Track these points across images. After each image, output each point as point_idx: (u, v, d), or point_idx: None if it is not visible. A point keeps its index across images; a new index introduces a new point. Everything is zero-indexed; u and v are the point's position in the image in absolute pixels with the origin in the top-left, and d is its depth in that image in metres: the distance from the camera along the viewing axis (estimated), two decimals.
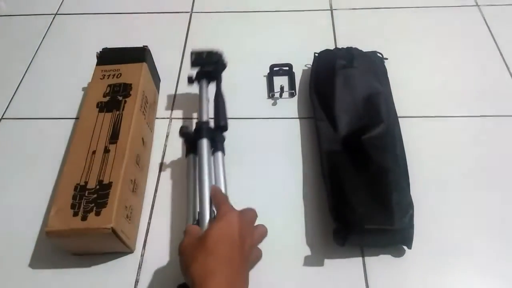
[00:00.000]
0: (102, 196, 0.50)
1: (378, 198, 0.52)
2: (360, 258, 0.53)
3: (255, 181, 0.61)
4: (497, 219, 0.56)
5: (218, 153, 0.57)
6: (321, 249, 0.54)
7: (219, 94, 0.63)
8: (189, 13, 0.86)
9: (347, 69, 0.66)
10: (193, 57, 0.65)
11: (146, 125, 0.63)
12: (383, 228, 0.49)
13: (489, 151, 0.62)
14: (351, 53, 0.68)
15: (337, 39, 0.78)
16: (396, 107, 0.64)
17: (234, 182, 0.60)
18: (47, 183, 0.61)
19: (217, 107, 0.61)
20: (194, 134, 0.58)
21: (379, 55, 0.71)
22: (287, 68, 0.73)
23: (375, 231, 0.50)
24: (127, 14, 0.87)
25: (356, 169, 0.56)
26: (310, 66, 0.71)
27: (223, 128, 0.59)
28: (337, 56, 0.68)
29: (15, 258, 0.55)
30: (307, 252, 0.53)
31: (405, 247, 0.52)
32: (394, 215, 0.50)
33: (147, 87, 0.65)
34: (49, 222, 0.48)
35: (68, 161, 0.54)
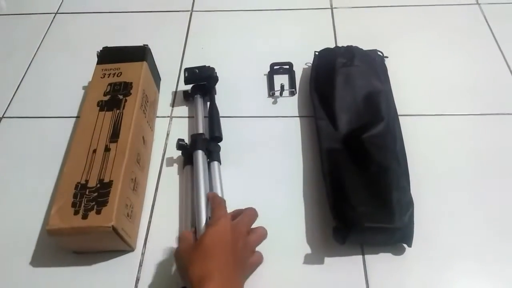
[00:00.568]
0: (102, 194, 0.50)
1: (378, 196, 0.52)
2: (360, 256, 0.53)
3: (255, 180, 0.61)
4: (497, 217, 0.56)
5: (214, 163, 0.60)
6: (321, 247, 0.54)
7: (213, 106, 0.66)
8: (189, 11, 0.86)
9: (348, 68, 0.66)
10: (186, 74, 0.68)
11: (146, 124, 0.63)
12: (383, 226, 0.49)
13: (490, 149, 0.62)
14: (351, 52, 0.68)
15: (338, 38, 0.78)
16: (396, 106, 0.64)
17: (234, 181, 0.60)
18: (48, 181, 0.61)
19: (211, 119, 0.65)
20: (190, 146, 0.61)
21: (379, 53, 0.71)
22: (287, 66, 0.73)
23: (375, 229, 0.50)
24: (128, 13, 0.87)
25: (356, 168, 0.56)
26: (310, 64, 0.71)
27: (217, 139, 0.62)
28: (338, 54, 0.68)
29: (16, 256, 0.55)
30: (307, 250, 0.54)
31: (405, 245, 0.52)
32: (394, 213, 0.50)
33: (147, 85, 0.65)
34: (50, 220, 0.48)
35: (68, 159, 0.54)
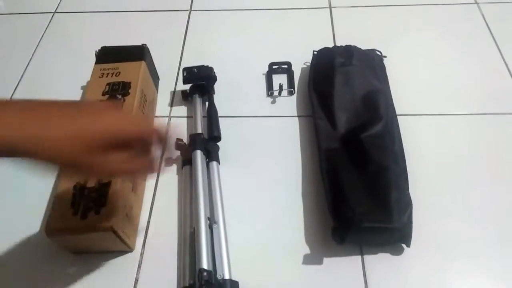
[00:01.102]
0: (101, 195, 0.50)
1: (377, 196, 0.52)
2: (359, 256, 0.53)
3: (254, 180, 0.61)
4: (496, 217, 0.56)
5: (213, 163, 0.60)
6: (320, 247, 0.54)
7: (211, 106, 0.66)
8: (188, 11, 0.86)
9: (346, 67, 0.66)
10: (185, 73, 0.68)
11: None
12: (382, 226, 0.49)
13: (488, 149, 0.62)
14: (350, 51, 0.68)
15: (336, 37, 0.78)
16: (394, 105, 0.64)
17: (232, 181, 0.60)
18: (47, 182, 0.61)
19: (210, 119, 0.64)
20: (188, 146, 0.61)
21: (378, 53, 0.71)
22: (286, 66, 0.73)
23: (374, 229, 0.50)
24: (126, 12, 0.87)
25: (355, 167, 0.56)
26: (309, 64, 0.71)
27: (216, 138, 0.62)
28: (336, 54, 0.68)
29: (15, 257, 0.55)
30: (306, 250, 0.54)
31: (404, 245, 0.52)
32: (393, 213, 0.50)
33: (146, 85, 0.65)
34: (49, 221, 0.48)
35: None
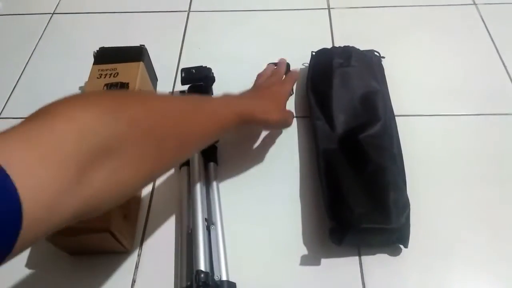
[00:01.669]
0: None
1: (375, 197, 0.51)
2: (356, 257, 0.53)
3: (252, 180, 0.60)
4: (494, 218, 0.55)
5: (210, 164, 0.59)
6: (318, 248, 0.53)
7: None
8: (186, 12, 0.86)
9: (344, 68, 0.66)
10: (183, 74, 0.67)
11: None
12: (380, 227, 0.49)
13: (486, 150, 0.62)
14: (348, 52, 0.68)
15: (335, 38, 0.78)
16: (393, 106, 0.64)
17: (230, 181, 0.60)
18: None
19: None
20: None
21: (376, 53, 0.71)
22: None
23: (371, 230, 0.50)
24: (124, 13, 0.87)
25: (353, 168, 0.56)
26: (307, 64, 0.71)
27: None
28: (334, 54, 0.68)
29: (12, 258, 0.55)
30: (304, 251, 0.53)
31: (402, 246, 0.52)
32: (391, 214, 0.50)
33: (144, 86, 0.64)
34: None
35: None
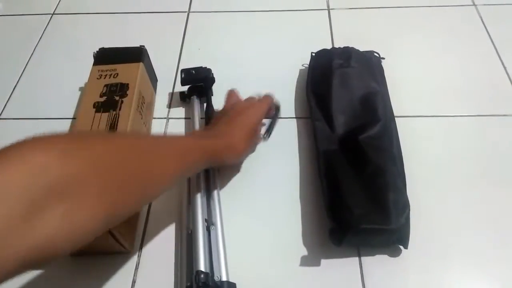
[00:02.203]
0: None
1: (374, 197, 0.52)
2: (356, 258, 0.53)
3: (252, 181, 0.61)
4: (494, 218, 0.56)
5: None
6: (318, 249, 0.54)
7: (209, 107, 0.66)
8: (186, 12, 0.86)
9: (344, 69, 0.66)
10: (183, 75, 0.67)
11: (143, 125, 0.63)
12: (380, 228, 0.49)
13: (486, 150, 0.62)
14: (348, 53, 0.68)
15: (334, 39, 0.78)
16: (393, 107, 0.64)
17: (230, 182, 0.60)
18: None
19: (208, 120, 0.64)
20: None
21: (376, 54, 0.71)
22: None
23: (371, 231, 0.50)
24: (124, 13, 0.87)
25: (352, 169, 0.56)
26: (307, 65, 0.71)
27: None
28: (334, 55, 0.68)
29: None
30: (304, 252, 0.54)
31: (402, 247, 0.52)
32: (390, 214, 0.50)
33: (144, 87, 0.65)
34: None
35: None
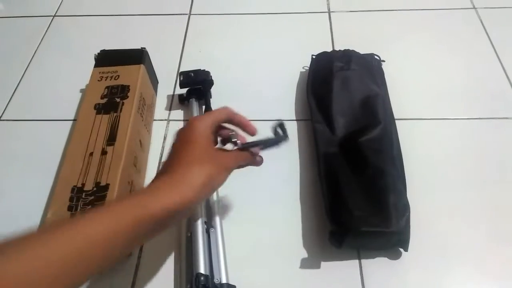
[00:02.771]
0: (99, 198, 0.50)
1: (374, 200, 0.52)
2: (356, 260, 0.53)
3: (251, 183, 0.60)
4: (494, 220, 0.56)
5: None
6: (318, 251, 0.54)
7: (208, 110, 0.66)
8: (187, 15, 0.86)
9: (344, 71, 0.66)
10: (181, 78, 0.68)
11: (143, 127, 0.63)
12: (379, 230, 0.49)
13: (486, 153, 0.62)
14: (348, 56, 0.68)
15: (335, 42, 0.78)
16: (393, 109, 0.65)
17: (229, 184, 0.60)
18: (44, 185, 0.61)
19: None
20: None
21: (376, 57, 0.71)
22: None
23: (371, 233, 0.50)
24: (125, 16, 0.87)
25: (353, 171, 0.56)
26: (307, 68, 0.71)
27: None
28: (335, 58, 0.68)
29: None
30: (304, 254, 0.53)
31: (402, 250, 0.52)
32: (390, 217, 0.50)
33: (144, 89, 0.65)
34: (46, 224, 0.48)
35: (65, 163, 0.54)
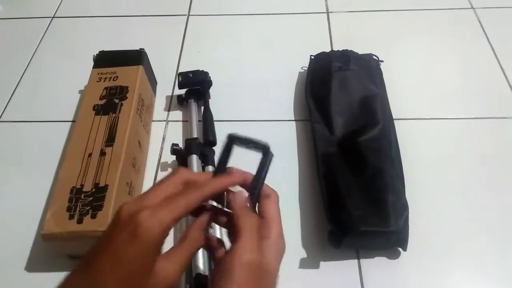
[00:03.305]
0: (98, 199, 0.50)
1: (373, 200, 0.52)
2: (355, 260, 0.53)
3: None
4: (493, 220, 0.56)
5: (208, 167, 0.59)
6: (317, 251, 0.54)
7: (207, 110, 0.66)
8: (186, 16, 0.86)
9: (343, 72, 0.66)
10: (180, 78, 0.68)
11: (142, 128, 0.63)
12: (379, 230, 0.49)
13: (485, 153, 0.62)
14: (347, 56, 0.68)
15: (333, 42, 0.79)
16: (391, 109, 0.65)
17: None
18: (43, 186, 0.61)
19: (205, 123, 0.64)
20: (184, 150, 0.61)
21: (374, 57, 0.71)
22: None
23: (370, 233, 0.50)
24: (124, 17, 0.87)
25: (351, 171, 0.56)
26: (306, 68, 0.71)
27: (211, 143, 0.62)
28: (333, 58, 0.68)
29: (11, 261, 0.55)
30: (303, 254, 0.54)
31: (400, 249, 0.52)
32: (389, 217, 0.50)
33: (143, 89, 0.65)
34: (45, 225, 0.48)
35: (64, 164, 0.54)
